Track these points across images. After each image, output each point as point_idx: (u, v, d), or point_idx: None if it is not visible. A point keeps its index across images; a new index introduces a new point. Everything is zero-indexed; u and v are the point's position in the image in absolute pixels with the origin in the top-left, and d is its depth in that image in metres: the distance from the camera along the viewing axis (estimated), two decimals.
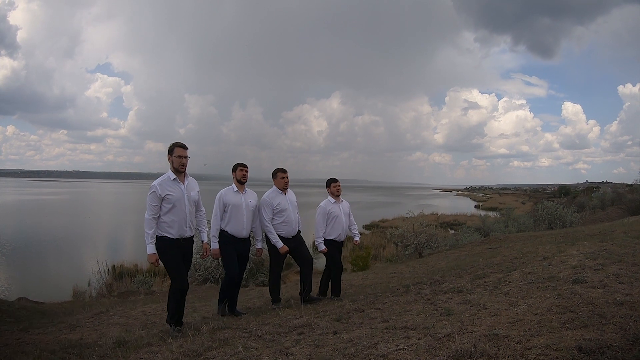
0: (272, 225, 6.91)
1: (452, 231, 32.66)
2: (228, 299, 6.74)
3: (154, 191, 5.58)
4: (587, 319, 3.45)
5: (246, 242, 6.81)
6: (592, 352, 2.75)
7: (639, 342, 2.83)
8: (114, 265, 21.50)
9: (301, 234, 7.32)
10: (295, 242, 7.08)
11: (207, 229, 6.34)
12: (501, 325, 3.61)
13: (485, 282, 5.65)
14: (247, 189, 6.86)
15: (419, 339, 3.61)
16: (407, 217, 22.19)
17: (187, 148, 5.79)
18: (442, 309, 4.65)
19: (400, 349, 3.43)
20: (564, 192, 59.57)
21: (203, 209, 6.16)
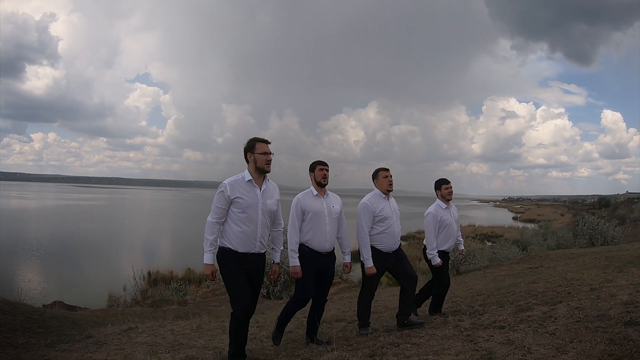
0: (371, 236, 5.98)
1: (490, 243, 32.08)
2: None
3: (222, 191, 4.76)
4: None
5: (330, 256, 5.72)
6: None
7: None
8: (149, 272, 21.76)
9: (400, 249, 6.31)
10: (396, 257, 6.12)
11: (282, 248, 5.55)
12: None
13: (529, 316, 5.33)
14: (328, 192, 5.79)
15: None
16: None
17: (269, 143, 4.99)
18: (483, 349, 4.36)
19: None
20: (603, 203, 58.19)
21: (282, 222, 5.32)
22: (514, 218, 77.59)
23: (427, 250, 6.67)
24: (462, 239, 7.24)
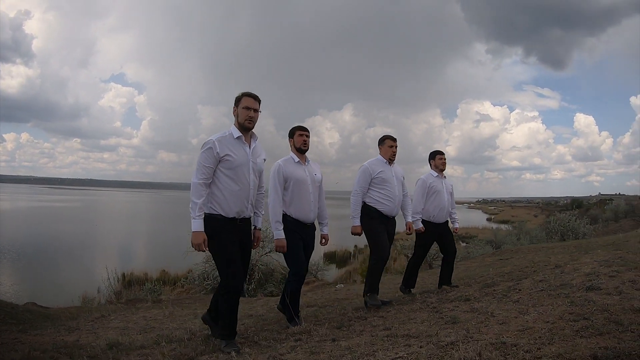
0: (374, 199, 5.82)
1: (464, 244, 32.29)
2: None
3: (210, 147, 4.25)
4: (603, 326, 3.20)
5: (312, 228, 5.38)
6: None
7: None
8: (123, 273, 21.47)
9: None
10: (392, 227, 5.98)
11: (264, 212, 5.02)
12: (509, 334, 3.35)
13: (494, 290, 5.39)
14: (308, 158, 5.41)
15: (420, 347, 3.37)
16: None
17: (259, 100, 4.52)
18: (448, 317, 4.39)
19: (400, 357, 3.19)
20: (576, 204, 58.92)
21: (264, 185, 4.85)
22: (488, 219, 78.08)
23: (412, 214, 6.44)
24: (457, 217, 7.11)
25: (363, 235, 5.89)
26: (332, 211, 6.15)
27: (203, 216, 4.19)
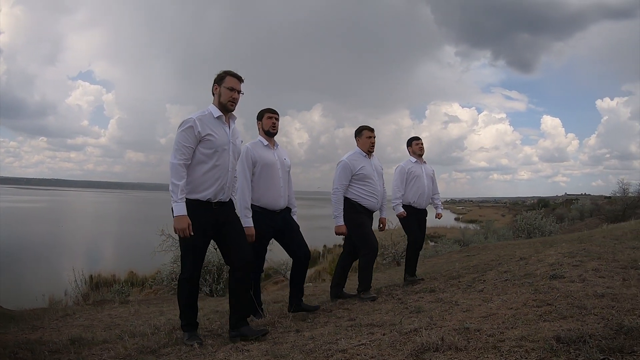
0: (357, 195, 5.58)
1: (432, 243, 32.52)
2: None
3: (191, 126, 3.94)
4: (566, 310, 3.18)
5: (285, 212, 5.07)
6: (572, 341, 2.46)
7: (623, 331, 2.54)
8: (91, 275, 21.03)
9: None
10: (370, 219, 5.74)
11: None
12: (473, 320, 3.30)
13: (459, 282, 5.38)
14: (277, 143, 5.12)
15: (383, 335, 3.31)
16: (387, 229, 21.91)
17: (242, 81, 4.24)
18: (413, 307, 4.35)
19: (362, 344, 3.13)
20: (543, 204, 59.89)
21: (237, 169, 4.53)
22: (456, 219, 78.85)
23: (391, 200, 6.39)
24: (439, 202, 6.97)
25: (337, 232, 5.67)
26: (302, 212, 5.94)
27: (185, 199, 3.87)
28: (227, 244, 4.17)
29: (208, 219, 4.04)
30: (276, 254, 6.85)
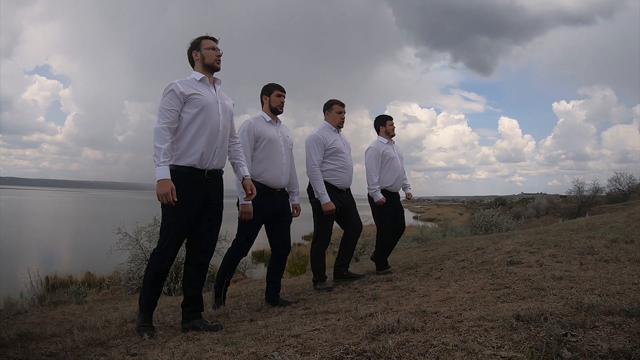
0: (328, 172, 5.38)
1: None
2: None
3: (172, 89, 3.68)
4: (525, 292, 3.13)
5: (284, 194, 4.84)
6: (532, 319, 2.38)
7: (584, 308, 2.48)
8: (47, 277, 20.42)
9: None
10: (348, 198, 5.59)
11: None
12: (430, 304, 3.22)
13: (416, 271, 5.36)
14: (279, 120, 4.89)
15: (338, 320, 3.20)
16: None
17: (217, 42, 4.04)
18: (369, 295, 4.28)
19: (316, 329, 3.00)
20: (500, 202, 61.10)
21: (237, 136, 4.25)
22: (415, 217, 79.64)
23: (368, 186, 6.12)
24: (408, 183, 6.70)
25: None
26: None
27: (168, 163, 3.56)
28: (201, 229, 3.87)
29: (198, 191, 3.73)
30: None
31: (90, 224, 47.90)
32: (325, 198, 5.26)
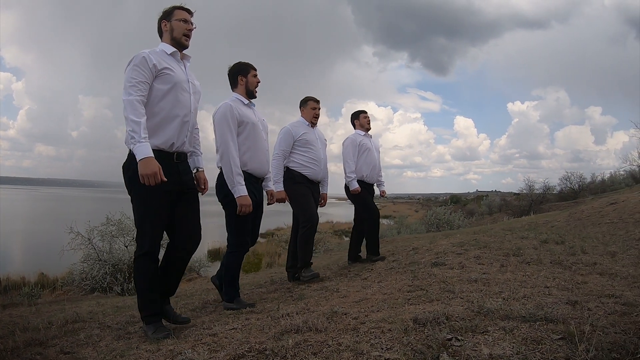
0: (298, 163, 5.29)
1: (347, 238, 33.01)
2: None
3: (144, 57, 3.26)
4: (435, 295, 3.26)
5: (260, 182, 4.53)
6: (427, 322, 2.49)
7: (483, 312, 2.60)
8: None
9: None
10: (319, 192, 5.57)
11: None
12: (345, 305, 3.33)
13: (349, 271, 5.45)
14: (253, 103, 4.48)
15: (257, 320, 3.30)
16: None
17: (192, 14, 3.62)
18: (297, 295, 4.36)
19: (234, 328, 3.13)
20: (455, 200, 61.96)
21: (197, 124, 3.83)
22: None
23: (345, 175, 6.18)
24: (383, 180, 6.65)
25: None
26: (216, 208, 5.26)
27: (147, 138, 3.12)
28: (181, 216, 3.51)
29: (172, 175, 3.32)
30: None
31: (43, 222, 46.58)
32: (278, 187, 5.13)
